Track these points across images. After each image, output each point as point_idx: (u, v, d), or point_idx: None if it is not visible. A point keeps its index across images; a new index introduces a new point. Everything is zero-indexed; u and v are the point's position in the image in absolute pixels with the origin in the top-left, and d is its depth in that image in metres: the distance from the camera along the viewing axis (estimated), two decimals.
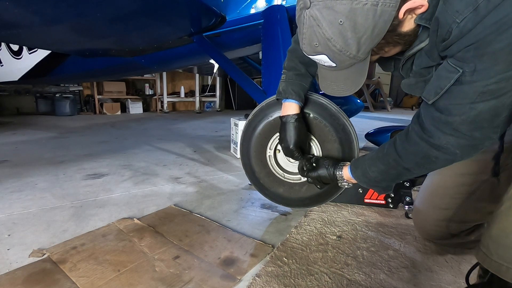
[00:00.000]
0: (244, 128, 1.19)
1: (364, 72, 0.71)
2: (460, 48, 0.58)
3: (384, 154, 0.81)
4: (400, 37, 0.67)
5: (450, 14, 0.56)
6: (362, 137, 2.42)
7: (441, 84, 0.63)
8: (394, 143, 0.78)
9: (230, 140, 2.43)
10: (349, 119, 1.08)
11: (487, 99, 0.59)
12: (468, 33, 0.55)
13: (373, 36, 0.62)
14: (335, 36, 0.62)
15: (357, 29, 0.60)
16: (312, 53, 0.68)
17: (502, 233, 0.60)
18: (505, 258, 0.59)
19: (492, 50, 0.54)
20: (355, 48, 0.63)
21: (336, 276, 0.87)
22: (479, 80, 0.58)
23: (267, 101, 1.14)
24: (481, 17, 0.53)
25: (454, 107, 0.63)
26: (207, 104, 6.55)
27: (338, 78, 0.74)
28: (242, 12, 1.79)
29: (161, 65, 2.67)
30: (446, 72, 0.62)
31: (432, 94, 0.66)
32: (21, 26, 1.54)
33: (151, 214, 1.25)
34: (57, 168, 1.88)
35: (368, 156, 0.87)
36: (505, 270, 0.59)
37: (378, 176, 0.83)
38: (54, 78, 3.14)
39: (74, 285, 0.81)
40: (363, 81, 0.73)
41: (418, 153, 0.72)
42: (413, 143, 0.72)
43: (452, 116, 0.63)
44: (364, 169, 0.86)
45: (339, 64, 0.68)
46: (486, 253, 0.63)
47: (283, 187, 1.16)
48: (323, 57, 0.67)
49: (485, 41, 0.54)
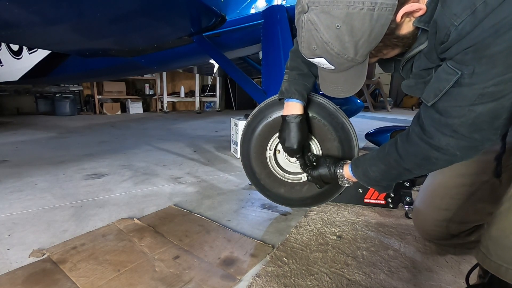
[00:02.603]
0: (244, 130, 1.19)
1: (363, 74, 0.72)
2: (459, 50, 0.58)
3: (385, 154, 0.81)
4: (399, 40, 0.67)
5: (448, 17, 0.57)
6: (362, 137, 2.42)
7: (440, 86, 0.64)
8: (395, 144, 0.78)
9: (230, 140, 2.43)
10: (347, 118, 1.08)
11: (486, 101, 0.59)
12: (466, 36, 0.55)
13: (370, 40, 0.63)
14: (332, 40, 0.63)
15: (354, 33, 0.61)
16: (311, 56, 0.69)
17: (501, 233, 0.60)
18: (504, 259, 0.59)
19: (490, 53, 0.54)
20: (352, 51, 0.64)
21: (336, 276, 0.87)
22: (478, 82, 0.58)
23: (266, 102, 1.14)
24: (479, 20, 0.53)
25: (453, 109, 0.63)
26: (207, 104, 6.56)
27: (337, 80, 0.74)
28: (242, 12, 1.79)
29: (161, 65, 2.68)
30: (445, 74, 0.62)
31: (432, 96, 0.66)
32: (21, 26, 1.54)
33: (151, 214, 1.25)
34: (57, 168, 1.88)
35: (369, 155, 0.87)
36: (504, 270, 0.59)
37: (379, 176, 0.84)
38: (54, 78, 3.14)
39: (74, 285, 0.81)
40: (362, 83, 0.74)
41: (419, 154, 0.72)
42: (413, 144, 0.72)
43: (451, 118, 0.64)
44: (365, 168, 0.87)
45: (337, 66, 0.69)
46: (485, 253, 0.63)
47: (284, 188, 1.16)
48: (322, 60, 0.68)
49: (483, 44, 0.54)
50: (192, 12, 1.71)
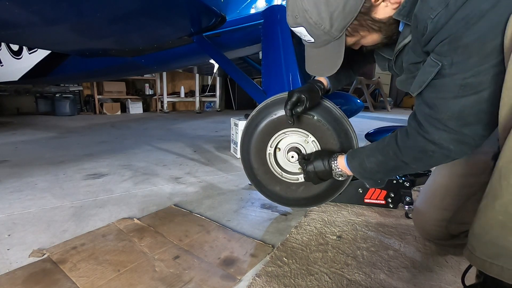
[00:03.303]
0: (247, 124, 1.19)
1: (340, 53, 0.77)
2: (437, 42, 0.62)
3: (384, 146, 0.83)
4: (374, 23, 0.73)
5: (425, 10, 0.62)
6: (362, 137, 2.41)
7: (424, 78, 0.68)
8: (395, 136, 0.80)
9: (230, 140, 2.43)
10: (352, 125, 1.09)
11: (467, 94, 0.62)
12: (441, 28, 0.60)
13: (345, 13, 0.69)
14: (311, 8, 0.70)
15: (329, 3, 0.68)
16: (294, 25, 0.76)
17: (482, 230, 0.62)
18: (487, 254, 0.61)
19: (463, 43, 0.58)
20: (328, 22, 0.71)
21: (336, 276, 0.87)
22: (457, 72, 0.61)
23: (272, 99, 1.14)
24: (451, 13, 0.57)
25: (439, 102, 0.66)
26: (207, 104, 6.55)
27: (318, 57, 0.81)
28: (242, 12, 1.79)
29: (161, 65, 2.67)
30: (429, 67, 0.66)
31: (417, 87, 0.70)
32: (21, 26, 1.54)
33: (151, 214, 1.25)
34: (57, 168, 1.88)
35: (367, 147, 0.90)
36: (489, 265, 0.61)
37: (375, 167, 0.85)
38: (54, 78, 3.13)
39: (74, 285, 0.81)
40: (340, 63, 0.79)
41: (416, 147, 0.74)
42: (411, 137, 0.75)
43: (440, 112, 0.67)
44: (362, 159, 0.88)
45: (316, 39, 0.75)
46: (471, 250, 0.65)
47: (280, 186, 1.17)
48: (302, 29, 0.75)
49: (457, 35, 0.58)
50: (192, 12, 1.71)
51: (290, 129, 1.11)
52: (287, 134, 1.13)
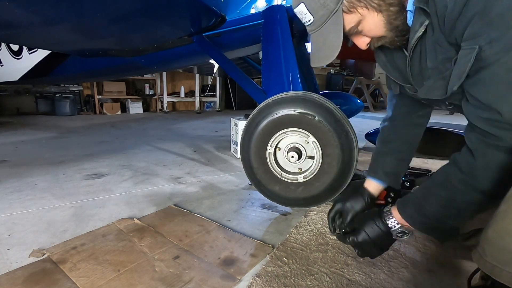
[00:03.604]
0: (247, 123, 1.19)
1: (339, 32, 0.75)
2: (466, 24, 0.56)
3: (444, 179, 0.69)
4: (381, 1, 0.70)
5: None
6: (362, 137, 2.41)
7: (462, 68, 0.60)
8: (454, 163, 0.68)
9: (230, 140, 2.43)
10: (352, 127, 1.09)
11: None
12: (465, 5, 0.55)
13: None
14: None
15: None
16: (296, 3, 0.76)
17: (497, 235, 0.60)
18: (498, 260, 0.59)
19: (496, 13, 0.52)
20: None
21: (336, 276, 0.87)
22: (501, 51, 0.54)
23: (274, 98, 1.14)
24: None
25: (495, 99, 0.57)
26: (207, 104, 6.55)
27: (318, 43, 0.80)
28: (242, 12, 1.79)
29: (161, 65, 2.67)
30: (464, 57, 0.59)
31: (456, 80, 0.62)
32: (21, 26, 1.54)
33: (151, 214, 1.25)
34: (57, 168, 1.88)
35: (418, 189, 0.76)
36: (498, 271, 0.59)
37: (440, 210, 0.69)
38: (54, 78, 3.13)
39: (74, 285, 0.81)
40: (340, 43, 0.76)
41: (490, 163, 0.61)
42: (479, 155, 0.63)
43: (500, 108, 0.57)
44: (418, 204, 0.73)
45: (314, 15, 0.74)
46: (481, 254, 0.62)
47: (279, 186, 1.17)
48: (302, 6, 0.75)
49: (486, 8, 0.53)
50: (192, 12, 1.71)
51: (290, 129, 1.11)
52: (287, 134, 1.13)
